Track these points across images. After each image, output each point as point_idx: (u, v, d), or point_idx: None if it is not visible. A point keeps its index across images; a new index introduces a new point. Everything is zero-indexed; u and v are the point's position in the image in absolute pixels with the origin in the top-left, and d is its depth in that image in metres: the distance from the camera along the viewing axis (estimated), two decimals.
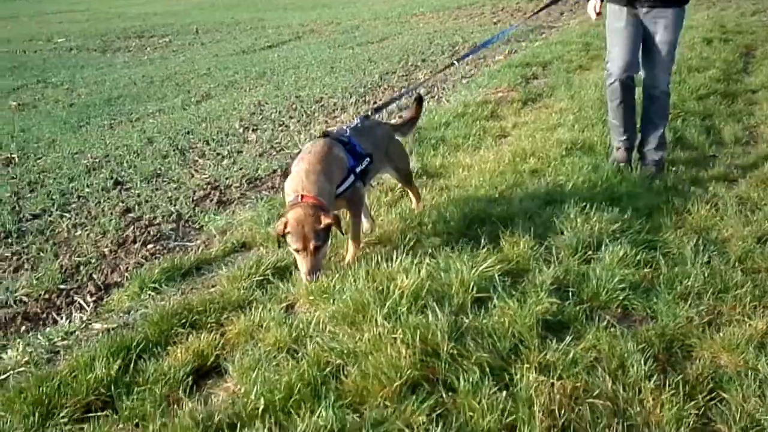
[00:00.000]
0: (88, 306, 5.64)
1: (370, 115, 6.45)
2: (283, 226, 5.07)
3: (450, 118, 9.91)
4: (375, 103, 11.86)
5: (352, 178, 5.55)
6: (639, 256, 5.31)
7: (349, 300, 4.74)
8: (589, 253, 5.42)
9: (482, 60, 15.24)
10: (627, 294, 4.83)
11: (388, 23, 25.18)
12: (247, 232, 6.56)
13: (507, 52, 15.91)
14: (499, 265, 5.19)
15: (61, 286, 6.00)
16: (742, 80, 11.19)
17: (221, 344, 4.69)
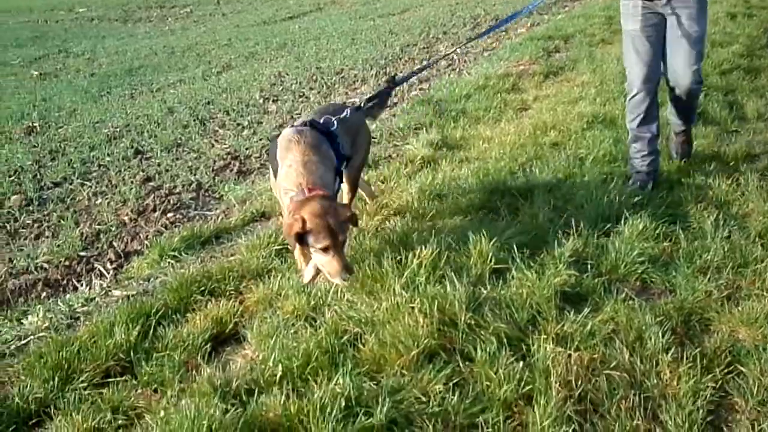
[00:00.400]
0: (108, 273, 5.68)
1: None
2: (301, 224, 4.38)
3: (471, 91, 9.86)
4: (395, 75, 11.82)
5: (337, 181, 5.05)
6: (659, 230, 5.27)
7: (367, 269, 4.75)
8: (609, 226, 5.39)
9: (504, 33, 15.12)
10: (646, 267, 4.81)
11: None
12: (267, 202, 6.57)
13: (529, 25, 15.79)
14: (518, 237, 5.19)
15: (82, 254, 6.04)
16: (766, 56, 11.06)
17: (240, 312, 4.72)
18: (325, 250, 4.39)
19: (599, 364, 3.85)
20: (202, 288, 4.99)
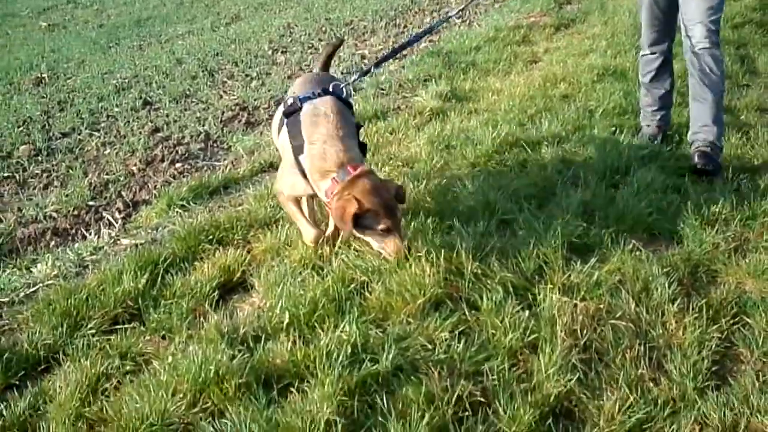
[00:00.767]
0: (117, 222, 5.70)
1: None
2: (358, 206, 4.00)
3: (481, 43, 9.78)
4: (404, 28, 11.75)
5: None
6: (667, 182, 5.27)
7: None
8: (617, 177, 5.38)
9: None
10: (654, 219, 4.80)
11: None
12: (275, 153, 6.54)
13: None
14: (526, 189, 5.18)
15: (90, 203, 6.06)
16: None
17: (247, 260, 4.73)
18: (386, 231, 4.10)
19: (605, 313, 3.87)
20: (210, 237, 5.00)
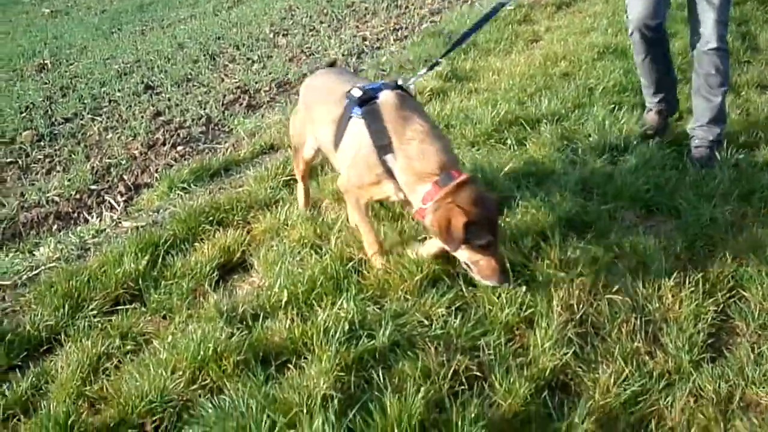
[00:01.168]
0: (119, 205, 5.74)
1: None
2: (465, 218, 3.53)
3: None
4: (406, 9, 11.71)
5: None
6: (666, 159, 5.28)
7: None
8: (616, 155, 5.39)
9: None
10: (652, 195, 4.81)
11: None
12: (276, 135, 6.59)
13: None
14: (525, 166, 5.20)
15: (92, 187, 6.11)
16: None
17: (247, 241, 4.77)
18: (485, 247, 3.63)
19: (601, 288, 3.89)
20: (211, 218, 5.04)
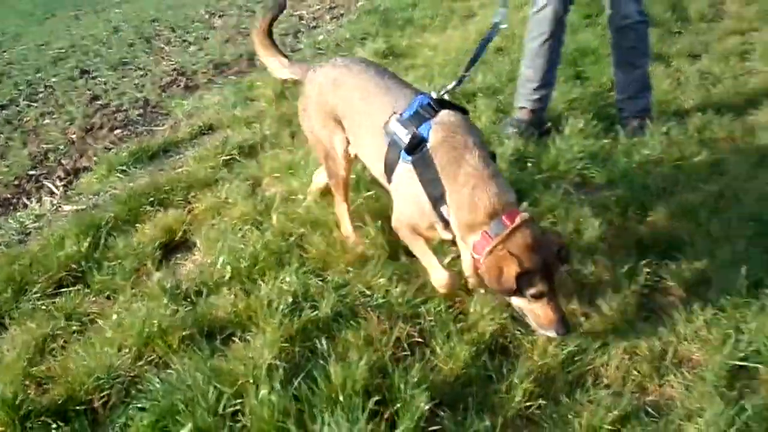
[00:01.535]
0: (58, 190, 5.71)
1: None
2: (517, 267, 3.17)
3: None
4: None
5: None
6: (599, 127, 5.40)
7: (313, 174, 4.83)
8: (550, 125, 5.50)
9: None
10: (585, 163, 4.92)
11: None
12: (214, 115, 6.59)
13: None
14: None
15: (31, 173, 6.05)
16: None
17: (188, 220, 4.80)
18: (540, 295, 3.27)
19: None
20: (151, 199, 5.03)
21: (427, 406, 3.03)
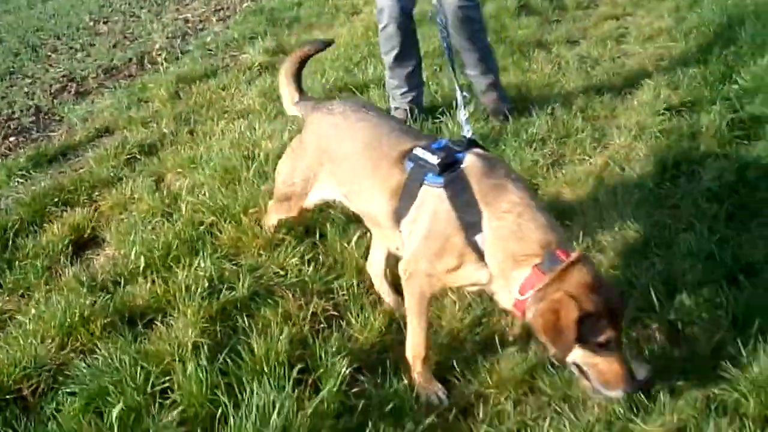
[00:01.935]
0: None
1: None
2: (577, 310, 2.71)
3: None
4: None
5: None
6: (488, 110, 5.69)
7: (218, 166, 4.95)
8: (441, 110, 5.73)
9: None
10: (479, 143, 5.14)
11: None
12: (109, 118, 6.61)
13: None
14: None
15: None
16: None
17: (96, 217, 4.87)
18: (605, 344, 2.79)
19: None
20: (56, 200, 5.09)
21: (348, 370, 3.21)
